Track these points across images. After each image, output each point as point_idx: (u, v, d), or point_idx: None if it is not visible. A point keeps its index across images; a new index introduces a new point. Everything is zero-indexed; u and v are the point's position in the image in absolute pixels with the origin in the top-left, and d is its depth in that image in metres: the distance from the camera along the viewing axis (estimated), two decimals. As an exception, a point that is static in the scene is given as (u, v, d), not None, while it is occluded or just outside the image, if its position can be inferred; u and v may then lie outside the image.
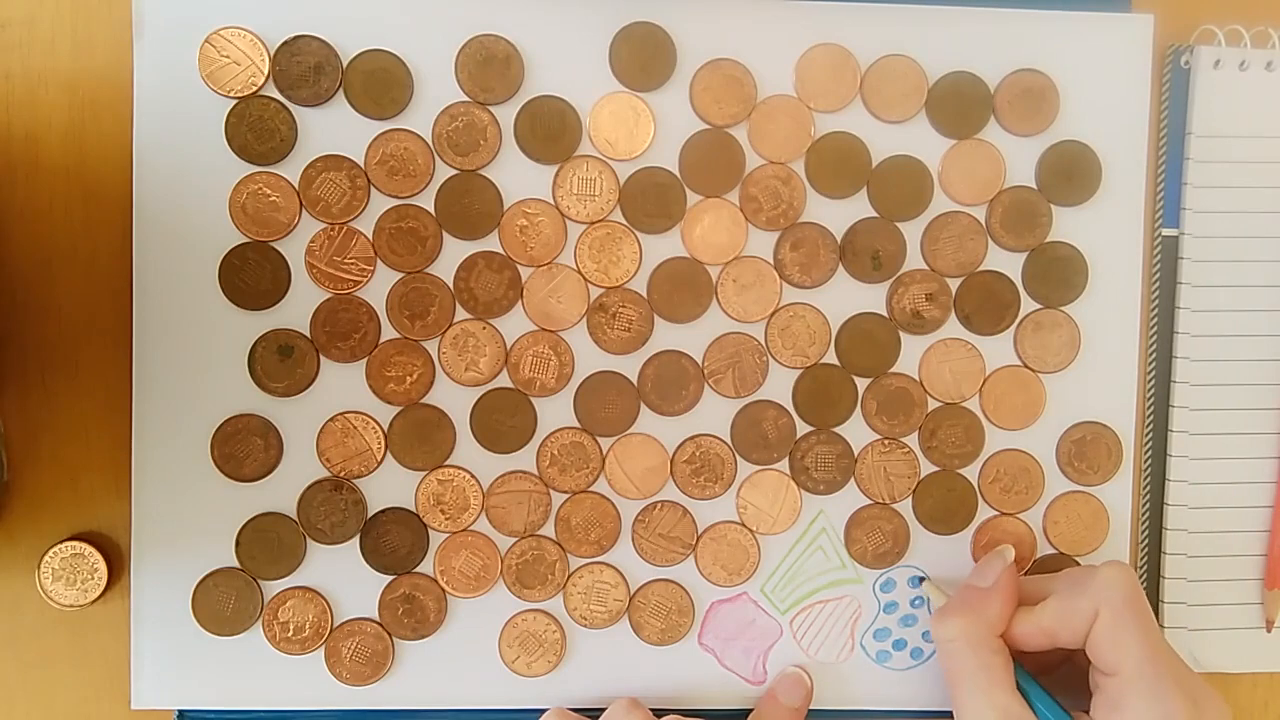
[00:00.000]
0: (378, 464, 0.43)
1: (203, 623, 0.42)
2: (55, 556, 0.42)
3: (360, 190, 0.43)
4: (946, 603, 0.42)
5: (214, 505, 0.42)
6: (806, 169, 0.44)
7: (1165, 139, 0.45)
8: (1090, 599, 0.38)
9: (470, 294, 0.43)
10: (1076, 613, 0.38)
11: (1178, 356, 0.45)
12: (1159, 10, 0.44)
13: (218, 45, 0.42)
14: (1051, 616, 0.39)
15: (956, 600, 0.41)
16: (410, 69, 0.42)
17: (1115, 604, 0.38)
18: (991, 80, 0.44)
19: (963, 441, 0.45)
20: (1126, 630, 0.37)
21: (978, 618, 0.39)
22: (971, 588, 0.41)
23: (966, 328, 0.45)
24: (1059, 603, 0.39)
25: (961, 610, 0.40)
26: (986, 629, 0.39)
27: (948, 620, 0.40)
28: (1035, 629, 0.39)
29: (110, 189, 0.42)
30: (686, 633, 0.44)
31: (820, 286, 0.44)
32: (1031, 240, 0.45)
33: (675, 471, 0.44)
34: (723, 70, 0.43)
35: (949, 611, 0.40)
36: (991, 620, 0.39)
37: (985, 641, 0.39)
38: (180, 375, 0.42)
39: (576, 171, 0.43)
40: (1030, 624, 0.39)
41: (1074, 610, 0.38)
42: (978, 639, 0.39)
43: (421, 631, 0.43)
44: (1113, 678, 0.37)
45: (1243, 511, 0.45)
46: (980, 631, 0.39)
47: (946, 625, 0.40)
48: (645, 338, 0.44)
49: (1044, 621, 0.39)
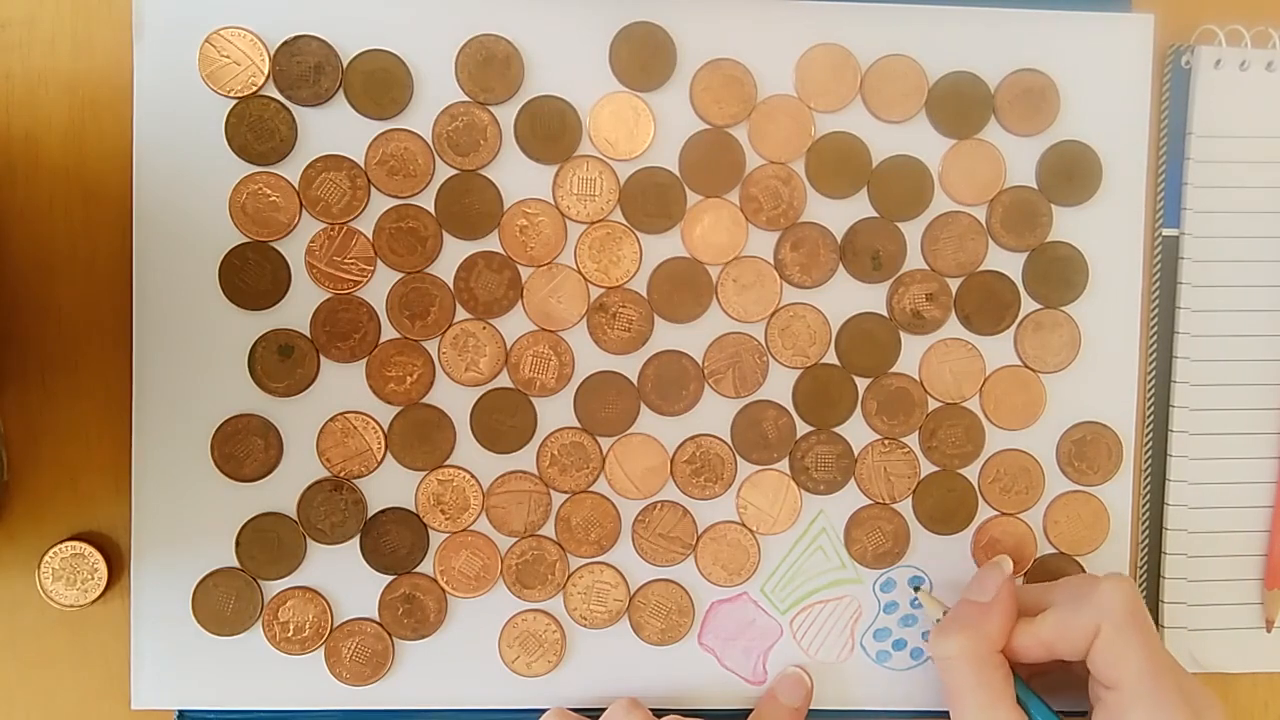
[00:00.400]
0: (378, 464, 0.43)
1: (203, 623, 0.42)
2: (55, 556, 0.42)
3: (360, 190, 0.43)
4: (945, 619, 0.41)
5: (214, 505, 0.42)
6: (807, 169, 0.44)
7: (1165, 139, 0.45)
8: (1091, 613, 0.38)
9: (470, 294, 0.43)
10: (1077, 627, 0.38)
11: (1178, 356, 0.45)
12: (1159, 10, 0.44)
13: (218, 45, 0.42)
14: (1052, 630, 0.38)
15: (955, 616, 0.41)
16: (410, 69, 0.42)
17: (1117, 619, 0.37)
18: (991, 80, 0.44)
19: (963, 441, 0.45)
20: (1128, 645, 0.37)
21: (978, 634, 0.39)
22: (970, 603, 0.40)
23: (967, 328, 0.45)
24: (1059, 616, 0.39)
25: (961, 627, 0.40)
26: (987, 646, 0.39)
27: (948, 638, 0.39)
28: (1035, 642, 0.39)
29: (110, 189, 0.42)
30: (686, 633, 0.44)
31: (820, 286, 0.44)
32: (1032, 240, 0.45)
33: (675, 471, 0.44)
34: (723, 70, 0.43)
35: (948, 629, 0.40)
36: (992, 636, 0.39)
37: (986, 658, 0.39)
38: (180, 375, 0.42)
39: (576, 171, 0.43)
40: (1030, 637, 0.39)
41: (1075, 624, 0.38)
42: (978, 656, 0.39)
43: (421, 631, 0.43)
44: (1113, 691, 0.37)
45: (1243, 511, 0.45)
46: (981, 649, 0.39)
47: (946, 643, 0.39)
48: (645, 338, 0.44)
49: (1044, 635, 0.39)
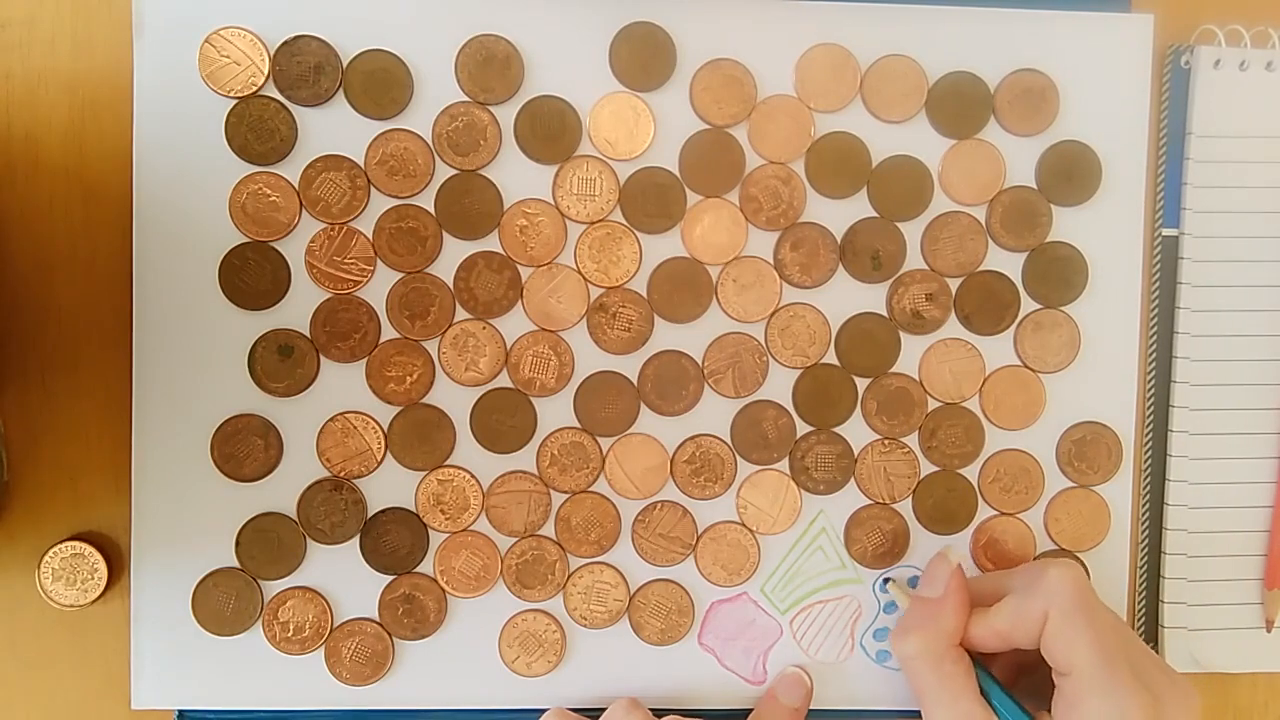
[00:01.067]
0: (378, 464, 0.43)
1: (203, 623, 0.42)
2: (55, 556, 0.42)
3: (360, 190, 0.43)
4: (902, 618, 0.42)
5: (214, 505, 0.42)
6: (806, 169, 0.44)
7: (1165, 139, 0.45)
8: (1039, 601, 0.38)
9: (470, 294, 0.43)
10: (1027, 616, 0.38)
11: (1178, 356, 0.45)
12: (1159, 10, 0.44)
13: (218, 45, 0.42)
14: (1005, 620, 0.39)
15: (911, 615, 0.41)
16: (410, 69, 0.42)
17: (1063, 605, 0.38)
18: (991, 80, 0.44)
19: (963, 441, 0.45)
20: (1076, 630, 0.37)
21: (934, 631, 0.40)
22: (922, 600, 0.41)
23: (966, 328, 0.45)
24: (1011, 605, 0.39)
25: (917, 625, 0.40)
26: (944, 642, 0.39)
27: (906, 638, 0.40)
28: (990, 632, 0.39)
29: (110, 189, 0.42)
30: (686, 633, 0.44)
31: (820, 286, 0.44)
32: (1031, 240, 0.45)
33: (675, 471, 0.44)
34: (723, 70, 0.43)
35: (906, 628, 0.41)
36: (947, 631, 0.39)
37: (944, 654, 0.39)
38: (180, 375, 0.42)
39: (576, 171, 0.43)
40: (985, 628, 0.39)
41: (1025, 613, 0.38)
42: (936, 654, 0.39)
43: (421, 631, 0.43)
44: (1068, 677, 0.38)
45: (1243, 511, 0.45)
46: (938, 645, 0.39)
47: (905, 643, 0.40)
48: (645, 338, 0.44)
49: (998, 625, 0.39)
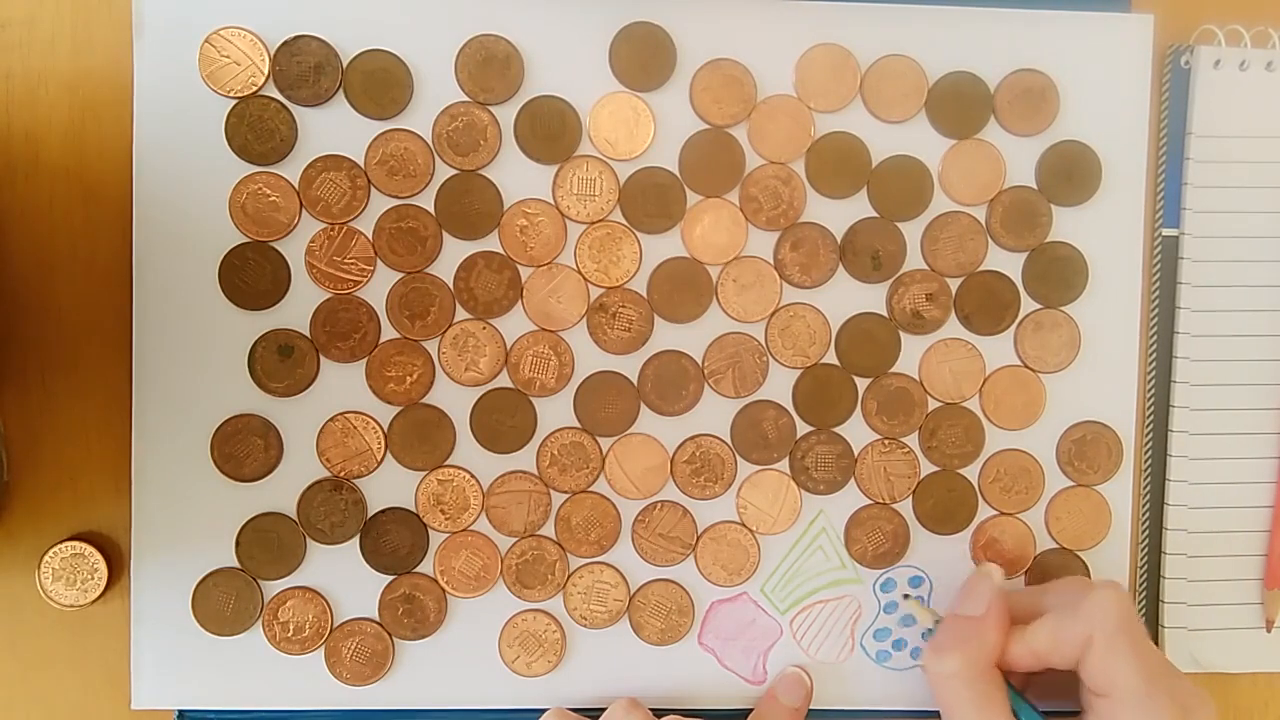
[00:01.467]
0: (378, 464, 0.43)
1: (203, 623, 0.42)
2: (55, 556, 0.42)
3: (360, 190, 0.42)
4: (939, 635, 0.41)
5: (214, 505, 0.42)
6: (806, 169, 0.44)
7: (1165, 139, 0.45)
8: (1083, 624, 0.38)
9: (470, 294, 0.43)
10: (1069, 639, 0.38)
11: (1178, 356, 0.45)
12: (1159, 10, 0.44)
13: (218, 45, 0.42)
14: (1044, 641, 0.38)
15: (949, 632, 0.40)
16: (410, 69, 0.42)
17: (1108, 629, 0.37)
18: (991, 80, 0.44)
19: (963, 441, 0.45)
20: (1120, 656, 0.37)
21: (975, 650, 0.39)
22: (962, 618, 0.40)
23: (966, 328, 0.45)
24: (1052, 626, 0.38)
25: (957, 644, 0.39)
26: (985, 661, 0.39)
27: (945, 656, 0.39)
28: (1027, 653, 0.39)
29: (110, 189, 0.42)
30: (686, 633, 0.44)
31: (820, 286, 0.44)
32: (1031, 240, 0.45)
33: (675, 471, 0.44)
34: (723, 70, 0.43)
35: (944, 646, 0.40)
36: (987, 651, 0.39)
37: (982, 674, 0.39)
38: (180, 375, 0.42)
39: (576, 171, 0.43)
40: (1023, 647, 0.39)
41: (1066, 635, 0.38)
42: (975, 673, 0.38)
43: (421, 631, 0.43)
44: (1104, 699, 0.37)
45: (1243, 511, 0.45)
46: (979, 665, 0.39)
47: (944, 661, 0.39)
48: (645, 338, 0.44)
49: (1036, 646, 0.39)
